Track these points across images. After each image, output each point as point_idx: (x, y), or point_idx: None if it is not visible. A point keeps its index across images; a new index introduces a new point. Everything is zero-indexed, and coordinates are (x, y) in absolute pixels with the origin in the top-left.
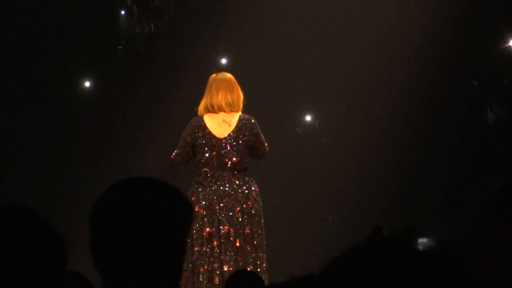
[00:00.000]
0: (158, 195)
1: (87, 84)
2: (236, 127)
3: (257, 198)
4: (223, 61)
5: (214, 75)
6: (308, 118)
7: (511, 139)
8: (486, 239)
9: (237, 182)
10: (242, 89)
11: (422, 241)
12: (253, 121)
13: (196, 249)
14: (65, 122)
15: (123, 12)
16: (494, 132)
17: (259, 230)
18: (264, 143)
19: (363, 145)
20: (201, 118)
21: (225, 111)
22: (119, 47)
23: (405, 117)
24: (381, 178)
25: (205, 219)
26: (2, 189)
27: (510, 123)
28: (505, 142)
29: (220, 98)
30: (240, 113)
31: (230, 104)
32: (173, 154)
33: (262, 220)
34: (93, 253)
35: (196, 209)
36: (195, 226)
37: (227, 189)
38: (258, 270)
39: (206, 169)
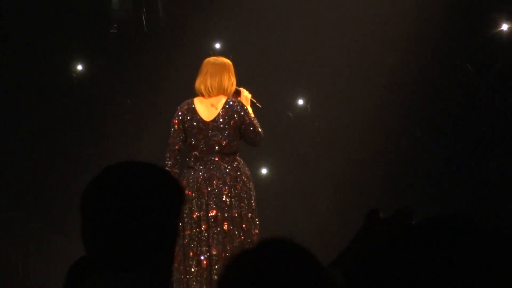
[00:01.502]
0: (149, 179)
1: (79, 67)
2: (222, 110)
3: (246, 181)
4: (217, 45)
5: (208, 58)
6: (300, 102)
7: (504, 124)
8: None
9: (226, 166)
10: (236, 75)
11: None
12: (237, 103)
13: (187, 232)
14: (56, 106)
15: None
16: (487, 117)
17: (249, 214)
18: (253, 127)
19: (355, 129)
20: (192, 101)
21: (212, 95)
22: (111, 31)
23: (398, 100)
24: (374, 162)
25: (194, 203)
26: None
27: (503, 108)
28: (499, 126)
29: (210, 82)
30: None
31: (217, 88)
32: (168, 143)
33: (253, 204)
34: (85, 239)
35: (186, 193)
36: (185, 209)
37: (215, 172)
38: None
39: (195, 152)
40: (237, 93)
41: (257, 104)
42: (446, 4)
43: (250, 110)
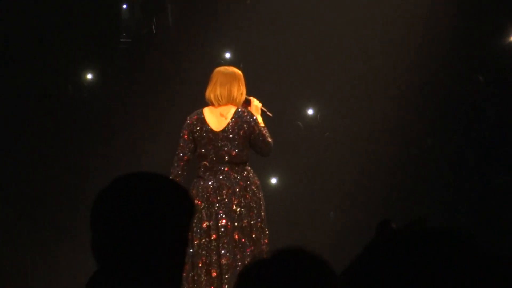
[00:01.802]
0: (159, 190)
1: (89, 76)
2: (232, 120)
3: (256, 191)
4: (227, 55)
5: (218, 68)
6: (310, 111)
7: None
8: None
9: (235, 175)
10: (246, 85)
11: None
12: (247, 113)
13: (195, 242)
14: (65, 115)
15: (125, 6)
16: (498, 128)
17: (259, 223)
18: (263, 137)
19: (366, 138)
20: (201, 111)
21: (223, 105)
22: (121, 40)
23: (408, 110)
24: (385, 171)
25: (203, 213)
26: (6, 181)
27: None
28: (509, 135)
29: (219, 91)
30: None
31: (226, 97)
32: (175, 154)
33: (263, 213)
34: (95, 250)
35: (196, 202)
36: (195, 219)
37: (225, 182)
38: None
39: (205, 162)
40: (247, 103)
41: (268, 113)
42: (457, 13)
43: (260, 119)
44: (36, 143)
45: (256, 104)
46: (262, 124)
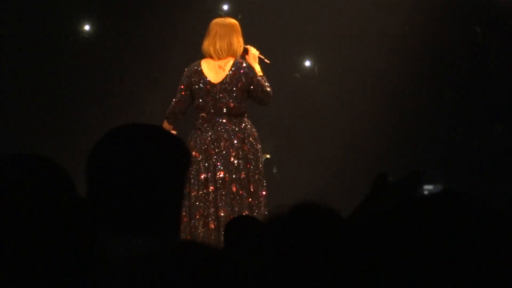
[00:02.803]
0: (154, 141)
1: (86, 28)
2: (230, 72)
3: (254, 143)
4: (225, 7)
5: (216, 19)
6: (307, 63)
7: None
8: None
9: (233, 127)
10: (243, 35)
11: (428, 187)
12: (245, 65)
13: (192, 194)
14: (63, 67)
15: None
16: (494, 79)
17: (256, 176)
18: (262, 87)
19: (363, 90)
20: (199, 63)
21: (221, 57)
22: None
23: (405, 62)
24: (381, 124)
25: (201, 164)
26: (7, 132)
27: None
28: (505, 89)
29: (218, 44)
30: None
31: (226, 50)
32: (170, 105)
33: (261, 165)
34: (91, 203)
35: (193, 154)
36: (192, 171)
37: (223, 134)
38: (255, 215)
39: (203, 114)
40: (245, 51)
41: (265, 60)
42: None
43: (258, 68)
44: (32, 94)
45: (253, 53)
46: (260, 73)
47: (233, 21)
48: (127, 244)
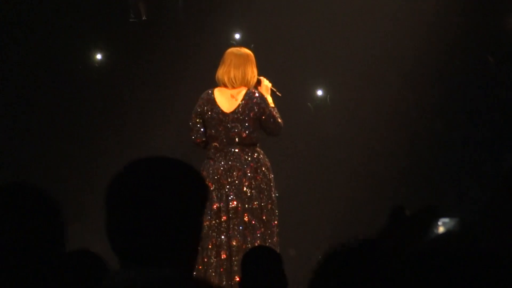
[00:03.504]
0: (174, 174)
1: (98, 57)
2: (242, 101)
3: (267, 173)
4: (237, 36)
5: (231, 49)
6: (319, 92)
7: None
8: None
9: (246, 157)
10: (256, 65)
11: (444, 220)
12: (258, 95)
13: (205, 223)
14: (75, 96)
15: None
16: (507, 109)
17: (269, 205)
18: (273, 118)
19: (375, 120)
20: (211, 92)
21: (235, 86)
22: (131, 20)
23: (418, 92)
24: (395, 155)
25: (214, 194)
26: (14, 165)
27: None
28: None
29: (232, 73)
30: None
31: (240, 80)
32: (191, 134)
33: (273, 195)
34: (109, 234)
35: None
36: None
37: (235, 164)
38: (267, 244)
39: (215, 143)
40: (258, 82)
41: (277, 93)
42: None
43: (270, 99)
44: (45, 124)
45: (266, 84)
46: (272, 105)
47: (248, 51)
48: (143, 274)
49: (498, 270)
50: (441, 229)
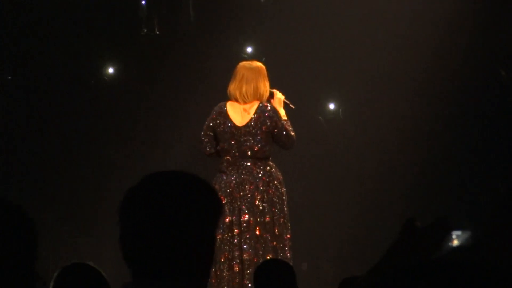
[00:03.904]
0: (188, 189)
1: (110, 70)
2: (254, 115)
3: (279, 186)
4: (249, 49)
5: (242, 63)
6: (332, 106)
7: None
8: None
9: (258, 171)
10: (268, 78)
11: (457, 233)
12: (270, 108)
13: (218, 237)
14: (88, 110)
15: (143, 2)
16: None
17: (281, 219)
18: (286, 131)
19: (387, 133)
20: (224, 105)
21: (247, 101)
22: (142, 34)
23: (430, 105)
24: (407, 168)
25: (226, 208)
26: (23, 179)
27: None
28: None
29: (244, 87)
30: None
31: (252, 94)
32: (201, 146)
33: (286, 209)
34: (123, 247)
35: None
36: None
37: (247, 177)
38: (279, 258)
39: (227, 157)
40: (270, 95)
41: (290, 105)
42: (480, 7)
43: (283, 112)
44: (57, 139)
45: (279, 97)
46: (285, 118)
47: (259, 64)
48: (154, 286)
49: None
50: (455, 242)
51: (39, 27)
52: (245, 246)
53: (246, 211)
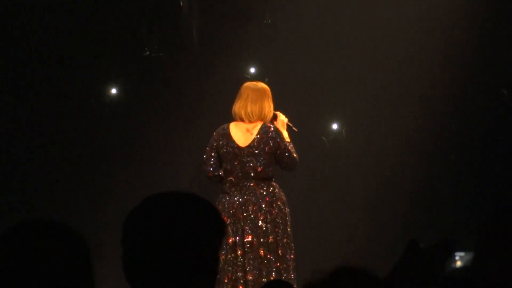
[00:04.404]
0: (191, 210)
1: (113, 91)
2: (257, 135)
3: (282, 207)
4: (252, 70)
5: (247, 83)
6: (335, 126)
7: None
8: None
9: (261, 191)
10: (272, 99)
11: (460, 254)
12: (273, 129)
13: (221, 258)
14: (90, 131)
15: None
16: None
17: (285, 240)
18: (289, 153)
19: (391, 153)
20: (227, 126)
21: (252, 121)
22: (145, 54)
23: (432, 125)
24: (410, 188)
25: (229, 228)
26: (27, 199)
27: None
28: None
29: (249, 107)
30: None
31: (257, 114)
32: (205, 168)
33: (289, 229)
34: (126, 268)
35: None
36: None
37: (251, 198)
38: (283, 279)
39: (230, 178)
40: (274, 117)
41: (293, 128)
42: (481, 24)
43: (286, 134)
44: (60, 157)
45: (282, 119)
46: (287, 140)
47: (264, 85)
48: None
49: None
50: (458, 263)
51: (35, 47)
52: (248, 267)
53: (250, 232)
